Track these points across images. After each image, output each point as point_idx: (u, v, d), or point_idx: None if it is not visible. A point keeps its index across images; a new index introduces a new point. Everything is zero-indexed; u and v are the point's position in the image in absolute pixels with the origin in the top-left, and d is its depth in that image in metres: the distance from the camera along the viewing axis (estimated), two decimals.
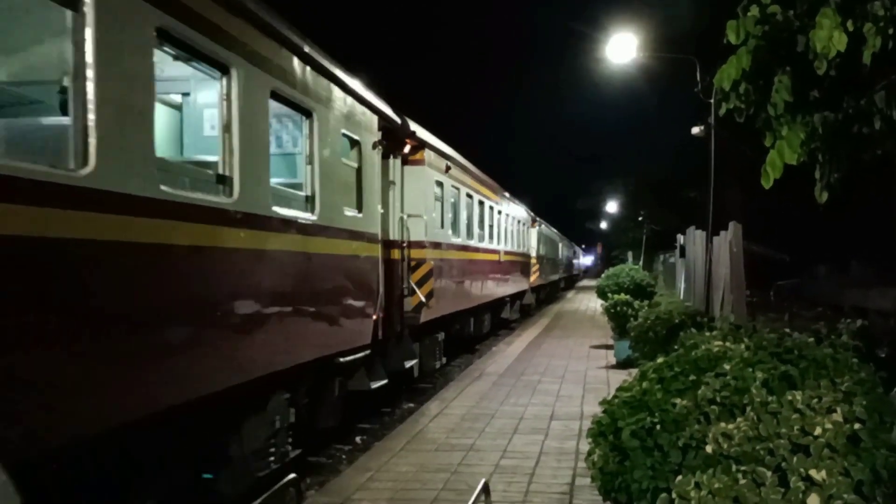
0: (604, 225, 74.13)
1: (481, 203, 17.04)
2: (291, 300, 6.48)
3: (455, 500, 5.52)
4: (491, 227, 18.41)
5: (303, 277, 6.69)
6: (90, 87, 3.99)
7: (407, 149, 10.78)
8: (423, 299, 10.75)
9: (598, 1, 36.59)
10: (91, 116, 4.00)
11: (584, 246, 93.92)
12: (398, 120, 10.12)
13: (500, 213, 19.83)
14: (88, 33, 3.98)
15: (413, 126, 10.81)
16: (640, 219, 47.32)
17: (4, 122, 4.60)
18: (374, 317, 8.66)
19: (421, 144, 11.26)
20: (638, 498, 3.52)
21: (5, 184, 3.39)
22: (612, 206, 59.22)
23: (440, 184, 12.68)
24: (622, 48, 14.31)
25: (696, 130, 15.46)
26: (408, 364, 10.34)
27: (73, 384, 3.84)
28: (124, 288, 4.28)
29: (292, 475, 5.28)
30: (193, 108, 7.17)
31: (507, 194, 21.58)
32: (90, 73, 4.00)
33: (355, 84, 8.17)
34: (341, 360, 7.65)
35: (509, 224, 21.70)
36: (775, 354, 4.05)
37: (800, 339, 4.42)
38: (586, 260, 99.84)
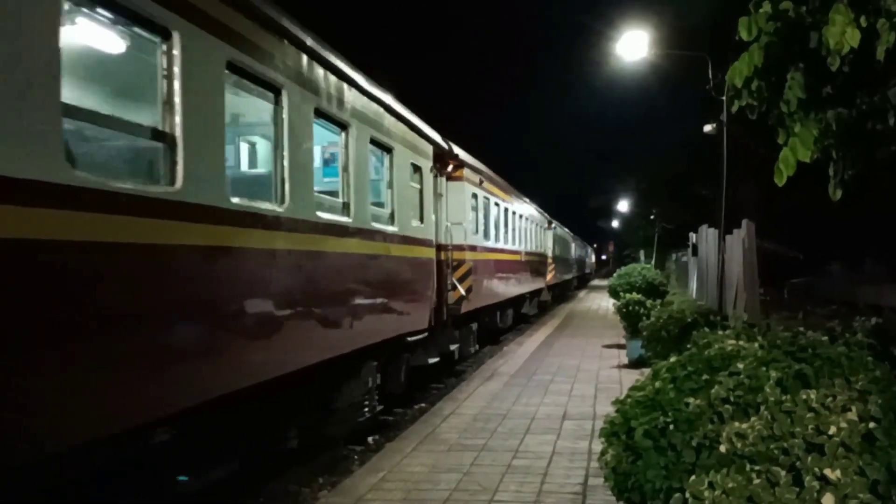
0: (615, 223, 73.85)
1: (506, 209, 18.78)
2: (383, 290, 8.64)
3: (467, 501, 5.52)
4: (514, 230, 20.10)
5: (388, 273, 8.85)
6: (286, 153, 6.14)
7: (450, 167, 12.95)
8: (464, 293, 12.51)
9: None
10: (286, 171, 6.14)
11: (595, 245, 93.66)
12: (445, 146, 12.36)
13: (521, 217, 21.48)
14: (285, 120, 6.15)
15: (456, 149, 12.99)
16: (652, 217, 47.07)
17: (237, 174, 6.66)
18: (430, 306, 10.79)
19: (461, 164, 13.39)
20: (651, 498, 3.51)
21: (253, 217, 5.59)
22: (623, 205, 59.00)
23: (475, 195, 14.79)
24: (633, 45, 14.27)
25: (708, 128, 15.34)
26: (451, 347, 12.42)
27: (292, 345, 6.24)
28: (300, 283, 6.35)
29: None
30: None
31: (526, 200, 23.19)
32: (285, 142, 6.14)
33: (419, 123, 10.42)
34: (409, 339, 9.77)
35: (529, 227, 23.32)
36: (789, 353, 4.01)
37: (814, 338, 4.36)
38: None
